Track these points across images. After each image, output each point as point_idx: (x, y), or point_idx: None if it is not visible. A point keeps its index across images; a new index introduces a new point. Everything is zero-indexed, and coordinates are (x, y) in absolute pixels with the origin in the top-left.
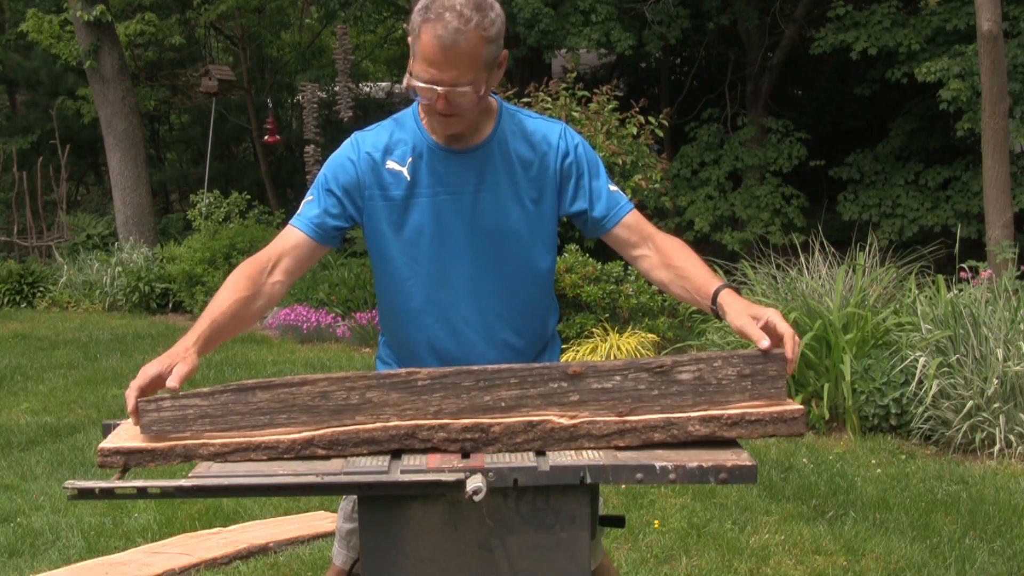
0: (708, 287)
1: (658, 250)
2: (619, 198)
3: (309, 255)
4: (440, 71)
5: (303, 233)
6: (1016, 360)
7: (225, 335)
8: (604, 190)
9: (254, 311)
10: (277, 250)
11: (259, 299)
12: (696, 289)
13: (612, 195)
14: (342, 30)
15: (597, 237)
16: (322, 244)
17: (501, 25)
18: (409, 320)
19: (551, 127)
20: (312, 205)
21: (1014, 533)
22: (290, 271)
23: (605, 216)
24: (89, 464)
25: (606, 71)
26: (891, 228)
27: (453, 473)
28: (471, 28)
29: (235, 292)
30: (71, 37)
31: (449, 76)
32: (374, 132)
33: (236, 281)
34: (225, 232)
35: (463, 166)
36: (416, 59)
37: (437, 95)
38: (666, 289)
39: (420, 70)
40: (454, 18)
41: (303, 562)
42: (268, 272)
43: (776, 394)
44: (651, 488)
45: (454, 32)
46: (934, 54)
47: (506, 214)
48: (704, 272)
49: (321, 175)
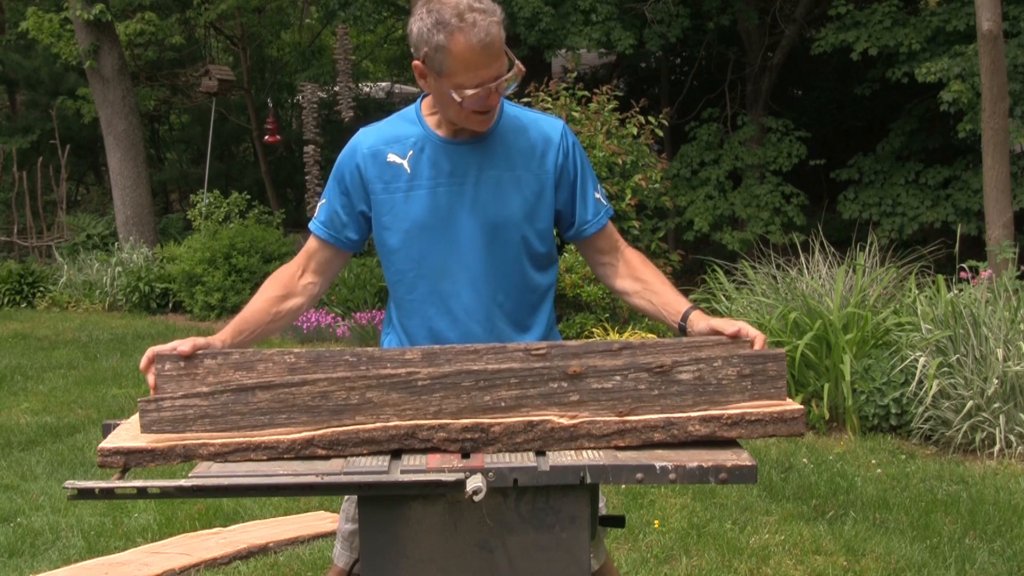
0: (679, 305)
1: (626, 262)
2: (601, 206)
3: (331, 258)
4: (487, 70)
5: (319, 238)
6: (1016, 360)
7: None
8: (591, 196)
9: (287, 309)
10: (304, 255)
11: (292, 297)
12: (665, 304)
13: (597, 202)
14: (342, 30)
15: (572, 240)
16: (340, 248)
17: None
18: (413, 311)
19: (552, 124)
20: (323, 209)
21: (1014, 533)
22: (319, 272)
23: (587, 222)
24: (89, 464)
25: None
26: (891, 226)
27: (453, 473)
28: (495, 19)
29: (264, 292)
30: (71, 36)
31: (494, 70)
32: (377, 127)
33: (266, 284)
34: (225, 232)
35: (463, 159)
36: (452, 74)
37: (490, 92)
38: (627, 299)
39: (466, 80)
40: (479, 16)
41: (303, 562)
42: (298, 276)
43: (776, 394)
44: (651, 488)
45: (485, 34)
46: (934, 54)
47: (506, 204)
48: (673, 291)
49: (331, 175)
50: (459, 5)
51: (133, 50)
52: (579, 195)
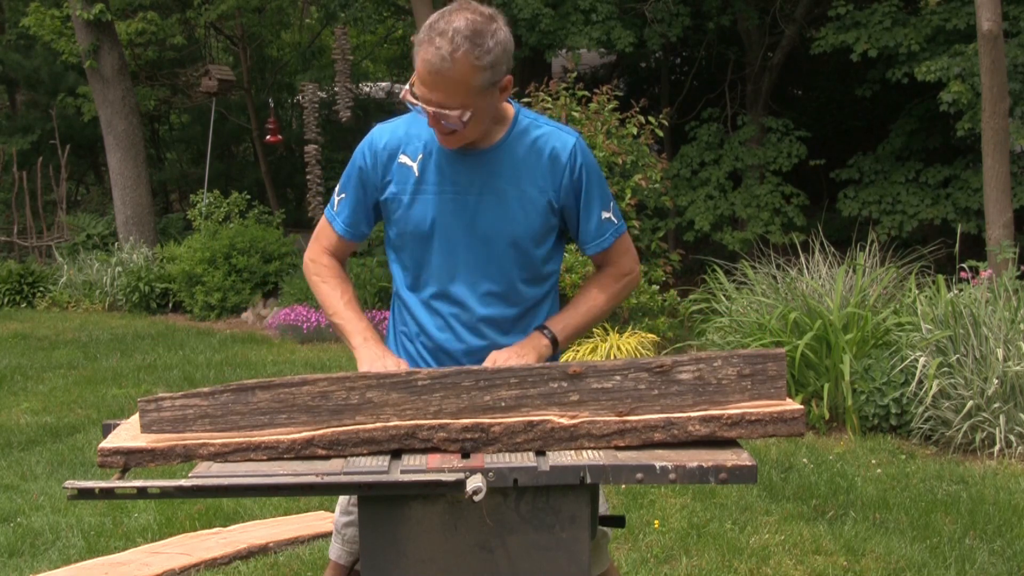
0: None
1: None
2: (606, 228)
3: (345, 248)
4: (430, 92)
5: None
6: (1016, 360)
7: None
8: (596, 215)
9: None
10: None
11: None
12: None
13: (602, 224)
14: (341, 31)
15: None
16: (355, 241)
17: (501, 52)
18: (409, 313)
19: (564, 141)
20: (344, 204)
21: (1014, 533)
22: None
23: (588, 243)
24: (89, 464)
25: (606, 71)
26: (891, 224)
27: (453, 473)
28: (459, 56)
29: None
30: (72, 33)
31: (437, 98)
32: (392, 125)
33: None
34: (225, 232)
35: (470, 168)
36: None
37: (427, 111)
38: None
39: (419, 90)
40: (445, 43)
41: (303, 562)
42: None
43: (776, 394)
44: (651, 488)
45: (440, 60)
46: (934, 54)
47: (508, 218)
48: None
49: (347, 168)
50: (439, 23)
51: (133, 50)
52: (583, 214)
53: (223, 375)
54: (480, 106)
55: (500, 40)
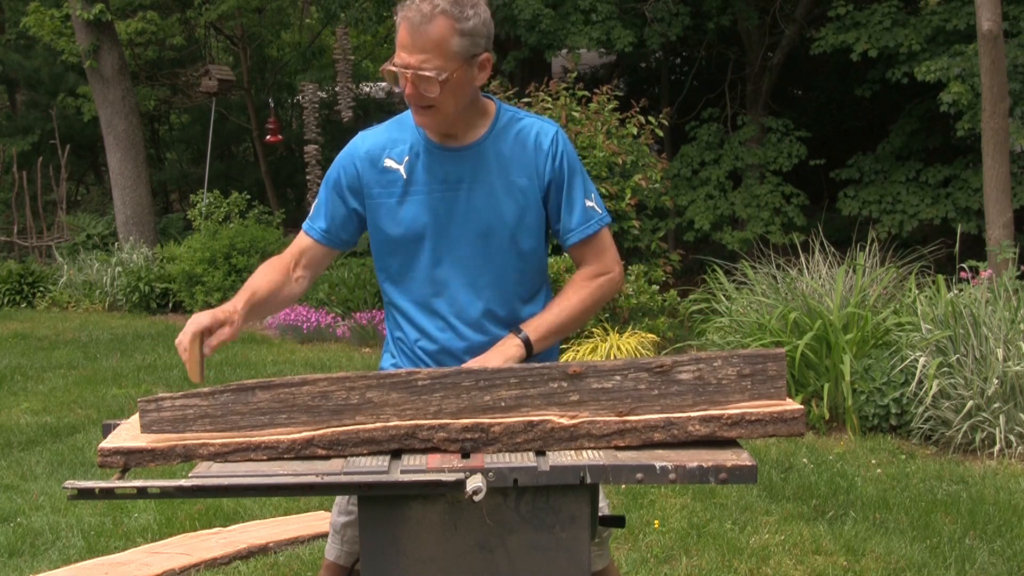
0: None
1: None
2: (591, 215)
3: (322, 256)
4: (408, 54)
5: (311, 239)
6: (1016, 360)
7: (263, 309)
8: (580, 203)
9: (284, 295)
10: (296, 251)
11: (288, 285)
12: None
13: (586, 211)
14: (341, 31)
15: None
16: (332, 247)
17: (481, 25)
18: (406, 318)
19: (545, 130)
20: (319, 208)
21: (1014, 533)
22: (310, 268)
23: (571, 230)
24: (89, 464)
25: (606, 71)
26: (891, 223)
27: (453, 473)
28: (438, 13)
29: (270, 274)
30: (72, 33)
31: (415, 59)
32: (375, 131)
33: (270, 267)
34: (225, 232)
35: (457, 164)
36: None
37: (405, 79)
38: None
39: (397, 57)
40: (426, 4)
41: (303, 562)
42: (292, 268)
43: (776, 394)
44: (651, 488)
45: (420, 16)
46: (934, 54)
47: (499, 210)
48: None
49: (327, 175)
50: None
51: (133, 50)
52: (566, 202)
53: (223, 375)
54: (458, 76)
55: (480, 14)
